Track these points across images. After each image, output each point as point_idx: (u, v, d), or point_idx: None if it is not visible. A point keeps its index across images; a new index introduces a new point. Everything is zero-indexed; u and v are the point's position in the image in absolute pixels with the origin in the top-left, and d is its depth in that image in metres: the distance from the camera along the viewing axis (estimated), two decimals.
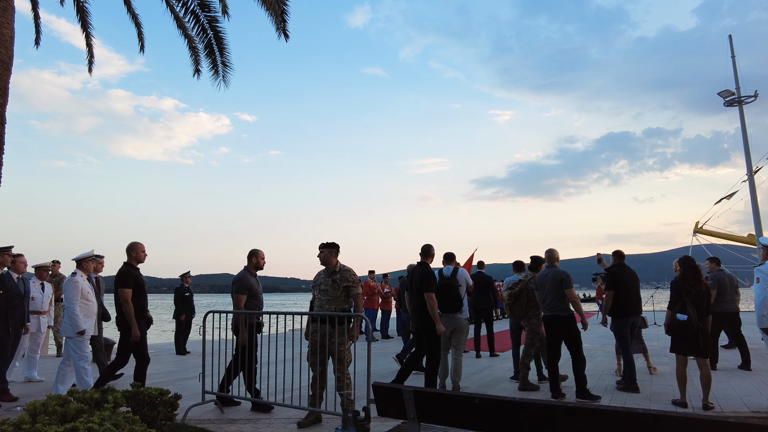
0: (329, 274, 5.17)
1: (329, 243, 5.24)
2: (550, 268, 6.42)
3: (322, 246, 5.22)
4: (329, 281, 5.13)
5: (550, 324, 6.29)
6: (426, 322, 5.93)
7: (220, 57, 7.65)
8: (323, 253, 5.18)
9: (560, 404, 2.48)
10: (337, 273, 5.14)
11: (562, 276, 6.20)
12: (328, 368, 5.04)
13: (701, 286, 5.48)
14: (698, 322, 5.35)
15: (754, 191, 27.43)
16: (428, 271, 6.04)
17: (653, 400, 5.97)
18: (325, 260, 5.18)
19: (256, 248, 6.00)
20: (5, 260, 5.99)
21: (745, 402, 5.79)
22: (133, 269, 5.62)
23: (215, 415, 5.47)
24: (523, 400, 2.56)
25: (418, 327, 6.10)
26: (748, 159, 27.95)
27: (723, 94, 28.39)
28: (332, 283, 5.10)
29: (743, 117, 28.13)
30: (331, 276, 5.14)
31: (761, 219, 27.67)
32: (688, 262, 5.64)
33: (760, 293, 5.54)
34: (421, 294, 5.94)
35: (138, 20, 8.68)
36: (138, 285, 5.55)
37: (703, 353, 5.43)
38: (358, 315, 4.87)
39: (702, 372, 5.47)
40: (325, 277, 5.19)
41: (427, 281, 5.92)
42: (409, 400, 2.86)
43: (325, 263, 5.21)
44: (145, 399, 3.97)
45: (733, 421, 2.15)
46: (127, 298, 5.42)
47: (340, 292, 5.08)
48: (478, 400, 2.70)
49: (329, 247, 5.20)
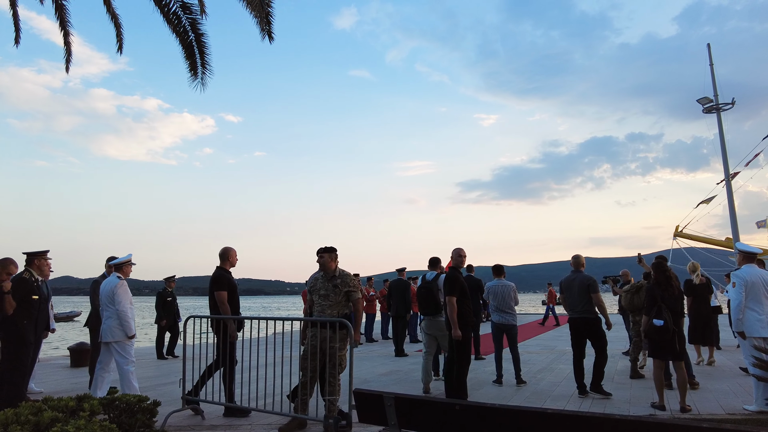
0: (329, 279, 5.13)
1: (329, 247, 5.20)
2: (576, 272, 6.76)
3: (322, 250, 5.17)
4: (329, 286, 5.09)
5: (578, 325, 6.65)
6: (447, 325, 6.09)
7: (200, 59, 7.56)
8: (324, 258, 5.14)
9: (539, 410, 2.50)
10: (338, 278, 5.11)
11: (589, 281, 6.55)
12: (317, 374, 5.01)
13: (673, 290, 5.60)
14: (673, 326, 5.45)
15: (731, 196, 28.04)
16: (455, 275, 6.14)
17: (633, 404, 6.05)
18: (326, 265, 5.14)
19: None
20: (42, 264, 5.88)
21: (721, 404, 5.90)
22: (227, 273, 5.93)
23: (195, 421, 5.39)
24: (504, 407, 2.58)
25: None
26: (726, 164, 28.56)
27: (702, 101, 28.98)
28: (333, 288, 5.07)
29: (721, 123, 28.75)
30: (332, 281, 5.11)
31: (738, 223, 28.28)
32: (659, 267, 5.75)
33: (735, 297, 5.65)
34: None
35: (118, 20, 8.51)
36: (232, 287, 5.87)
37: (680, 357, 5.54)
38: (339, 320, 4.82)
39: (678, 375, 5.57)
40: (324, 282, 5.14)
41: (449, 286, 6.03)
42: (389, 407, 2.86)
43: (324, 268, 5.16)
44: (122, 406, 3.90)
45: (707, 426, 2.19)
46: (223, 300, 5.72)
47: (341, 297, 5.07)
48: (459, 407, 2.71)
49: (329, 252, 5.17)
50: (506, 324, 7.45)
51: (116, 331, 5.85)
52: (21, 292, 5.53)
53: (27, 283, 5.62)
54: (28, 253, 5.86)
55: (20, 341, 5.51)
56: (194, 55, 7.99)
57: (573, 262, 6.92)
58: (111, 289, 5.98)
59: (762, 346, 5.36)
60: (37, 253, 5.87)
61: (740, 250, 5.96)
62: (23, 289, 5.57)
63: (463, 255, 6.42)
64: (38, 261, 5.83)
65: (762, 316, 5.54)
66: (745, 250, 5.90)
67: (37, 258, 5.84)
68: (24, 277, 5.64)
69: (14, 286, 5.54)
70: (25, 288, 5.59)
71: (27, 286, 5.61)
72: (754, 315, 5.57)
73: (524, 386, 7.16)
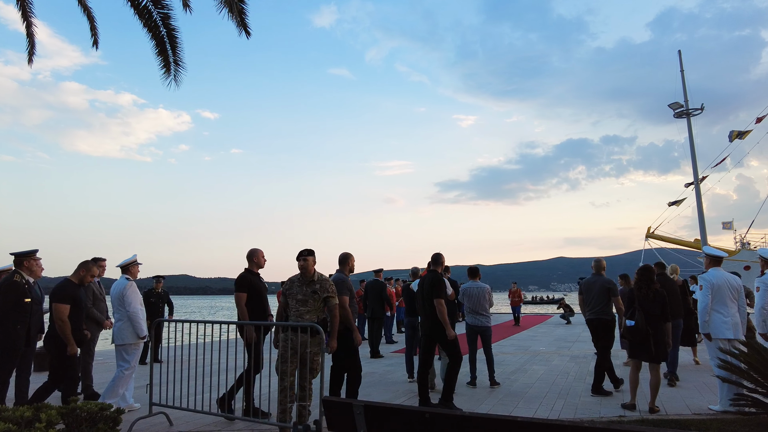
0: (307, 284, 4.98)
1: (310, 250, 5.06)
2: (597, 276, 7.01)
3: (305, 253, 5.02)
4: (308, 291, 4.95)
5: (594, 325, 6.81)
6: (438, 328, 6.01)
7: (173, 55, 7.37)
8: (307, 261, 4.99)
9: (509, 418, 2.48)
10: (317, 283, 4.98)
11: (610, 285, 6.79)
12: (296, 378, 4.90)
13: (650, 292, 5.66)
14: (648, 328, 5.53)
15: (700, 199, 28.90)
16: (439, 278, 6.12)
17: (603, 405, 6.13)
18: (306, 268, 4.99)
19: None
20: (32, 265, 5.61)
21: (687, 404, 6.03)
22: (251, 275, 5.70)
23: (163, 428, 5.25)
24: (473, 415, 2.55)
25: (430, 334, 6.14)
26: (695, 168, 29.42)
27: (672, 106, 29.78)
28: (312, 294, 4.93)
29: (690, 128, 29.58)
30: (310, 286, 4.97)
31: (706, 224, 29.14)
32: (642, 269, 5.85)
33: (702, 300, 5.78)
34: (429, 301, 6.03)
35: (91, 14, 8.24)
36: (255, 289, 5.63)
37: (655, 359, 5.60)
38: (312, 324, 4.74)
39: (651, 376, 5.65)
40: (301, 286, 4.99)
41: (437, 288, 6.00)
42: (359, 415, 2.80)
43: (305, 271, 5.00)
44: (82, 415, 3.74)
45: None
46: (239, 301, 5.51)
47: (319, 303, 4.95)
48: (428, 414, 2.67)
49: (311, 255, 5.04)
50: (480, 326, 7.49)
51: (126, 334, 5.80)
52: (13, 296, 5.29)
53: (18, 286, 5.35)
54: (17, 254, 5.58)
55: (10, 347, 5.25)
56: (166, 51, 7.79)
57: (594, 265, 7.22)
58: (120, 291, 5.88)
59: (727, 347, 5.49)
60: (26, 254, 5.60)
61: (707, 253, 6.10)
62: (15, 292, 5.31)
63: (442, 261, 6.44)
64: (28, 262, 5.56)
65: (727, 318, 5.68)
66: (711, 254, 6.04)
67: (26, 259, 5.57)
68: (15, 280, 5.37)
69: (5, 290, 5.31)
70: (17, 291, 5.33)
71: (19, 289, 5.35)
72: (719, 317, 5.70)
73: (498, 388, 7.20)
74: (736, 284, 5.81)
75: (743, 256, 26.36)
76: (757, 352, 4.90)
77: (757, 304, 5.93)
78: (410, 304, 7.98)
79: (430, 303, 6.02)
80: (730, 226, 30.11)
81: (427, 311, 6.08)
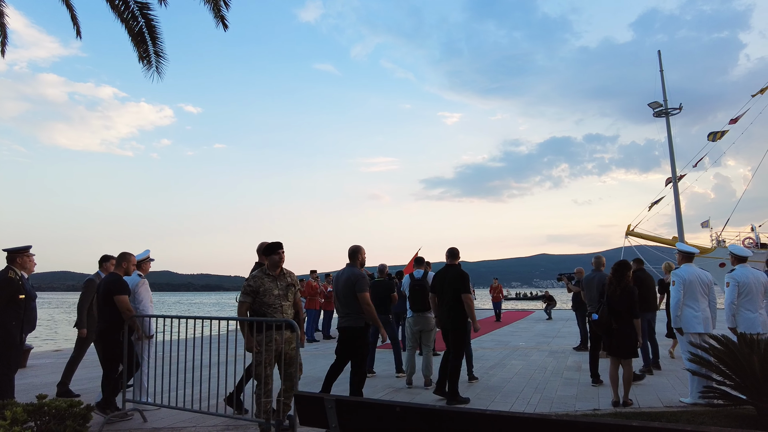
0: (278, 277, 4.81)
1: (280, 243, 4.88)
2: (596, 272, 7.41)
3: (280, 246, 4.84)
4: (282, 284, 4.81)
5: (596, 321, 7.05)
6: (460, 320, 6.14)
7: (153, 46, 7.24)
8: (283, 254, 4.84)
9: (479, 412, 2.50)
10: (287, 276, 4.87)
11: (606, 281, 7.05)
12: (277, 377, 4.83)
13: (618, 289, 5.75)
14: (611, 323, 5.66)
15: (678, 197, 29.45)
16: (464, 273, 6.25)
17: (579, 399, 6.22)
18: (281, 262, 4.84)
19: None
20: (26, 261, 5.54)
21: (659, 397, 6.15)
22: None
23: (136, 425, 5.18)
24: (444, 408, 2.56)
25: (448, 326, 6.20)
26: (673, 167, 29.96)
27: (652, 106, 30.28)
28: (287, 287, 4.83)
29: (669, 127, 30.12)
30: (283, 279, 4.84)
31: (684, 222, 29.73)
32: (618, 264, 5.96)
33: (674, 295, 5.89)
34: (456, 294, 6.11)
35: (70, 2, 8.05)
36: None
37: (621, 354, 5.70)
38: (287, 320, 4.70)
39: (624, 371, 5.74)
40: (275, 281, 4.80)
41: (464, 282, 6.14)
42: (330, 409, 2.79)
43: (278, 266, 4.83)
44: (51, 412, 3.67)
45: (636, 425, 2.24)
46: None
47: (291, 296, 4.86)
48: (400, 408, 2.67)
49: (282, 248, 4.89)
50: None
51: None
52: (7, 292, 5.23)
53: (13, 282, 5.31)
54: (9, 250, 5.52)
55: (9, 343, 5.20)
56: (145, 43, 7.65)
57: (594, 262, 7.53)
58: (132, 287, 5.81)
59: (697, 341, 5.62)
60: (20, 250, 5.54)
61: (680, 250, 6.22)
62: (9, 288, 5.26)
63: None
64: (21, 258, 5.50)
65: (698, 313, 5.81)
66: (684, 250, 6.16)
67: (20, 255, 5.51)
68: (9, 276, 5.32)
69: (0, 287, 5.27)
70: (12, 287, 5.27)
71: (13, 285, 5.30)
72: (690, 312, 5.82)
73: (476, 382, 7.26)
74: (706, 280, 5.94)
75: (718, 253, 26.94)
76: (726, 346, 5.02)
77: (726, 299, 6.07)
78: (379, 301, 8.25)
79: (453, 296, 6.11)
80: (707, 224, 30.77)
81: (451, 304, 6.15)
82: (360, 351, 5.42)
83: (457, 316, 6.15)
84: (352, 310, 5.43)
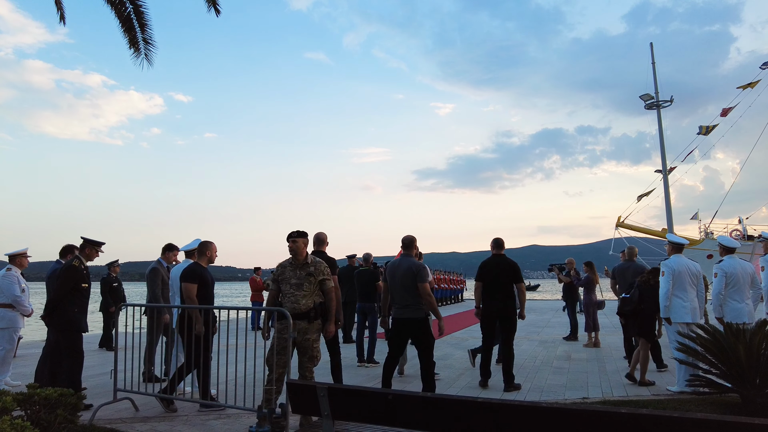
0: (300, 267, 4.76)
1: (302, 231, 4.82)
2: (630, 261, 7.93)
3: (296, 235, 4.76)
4: (302, 275, 4.72)
5: None
6: (512, 309, 6.35)
7: (141, 33, 7.13)
8: (297, 243, 4.74)
9: (470, 399, 2.53)
10: (311, 265, 4.77)
11: (644, 269, 7.29)
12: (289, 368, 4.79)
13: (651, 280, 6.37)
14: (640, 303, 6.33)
15: (668, 189, 29.72)
16: (514, 263, 6.46)
17: (569, 388, 6.30)
18: (298, 251, 4.75)
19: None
20: (92, 254, 5.70)
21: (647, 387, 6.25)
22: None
23: (128, 414, 5.17)
24: (435, 396, 2.58)
25: (502, 314, 6.34)
26: (664, 159, 30.19)
27: (644, 98, 30.43)
28: (307, 277, 4.71)
29: (660, 119, 30.31)
30: (304, 269, 4.75)
31: (673, 214, 30.03)
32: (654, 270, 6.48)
33: (664, 285, 5.96)
34: (509, 284, 6.33)
35: None
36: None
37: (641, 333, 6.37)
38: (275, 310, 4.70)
39: (641, 352, 6.32)
40: (295, 270, 4.76)
41: (518, 273, 6.39)
42: (322, 397, 2.81)
43: (296, 254, 4.76)
44: (41, 401, 3.66)
45: (625, 411, 2.28)
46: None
47: (315, 287, 4.74)
48: (391, 396, 2.69)
49: (302, 236, 4.79)
50: None
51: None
52: (72, 280, 5.40)
53: (78, 271, 5.47)
54: (85, 239, 5.69)
55: (76, 329, 5.39)
56: (134, 29, 7.53)
57: (628, 252, 8.10)
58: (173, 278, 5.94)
59: (686, 331, 5.70)
60: (93, 243, 5.69)
61: (669, 240, 6.29)
62: (74, 277, 5.42)
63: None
64: (89, 250, 5.66)
65: (686, 303, 5.89)
66: (673, 241, 6.23)
67: (89, 247, 5.66)
68: (74, 265, 5.48)
69: (65, 274, 5.44)
70: (77, 276, 5.44)
71: (78, 273, 5.46)
72: (679, 302, 5.90)
73: (468, 371, 7.32)
74: (695, 270, 6.02)
75: (706, 245, 27.27)
76: (712, 335, 5.10)
77: (714, 290, 6.16)
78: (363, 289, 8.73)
79: (508, 285, 6.31)
80: (696, 216, 31.10)
81: (506, 293, 6.31)
82: (426, 342, 5.36)
83: (511, 306, 6.33)
84: (412, 301, 5.33)
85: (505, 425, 2.38)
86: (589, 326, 9.83)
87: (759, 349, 4.74)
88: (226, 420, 4.97)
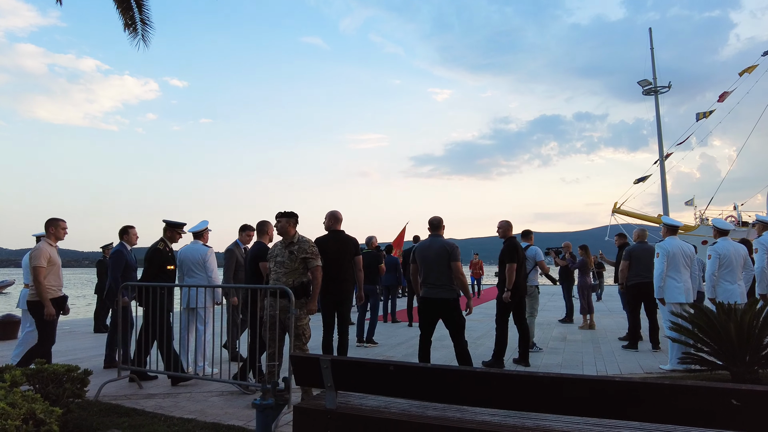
0: (286, 245, 4.91)
1: (287, 212, 4.96)
2: (642, 243, 7.82)
3: (279, 215, 4.92)
4: (286, 252, 4.86)
5: (646, 290, 7.04)
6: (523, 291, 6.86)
7: (139, 13, 7.09)
8: (281, 223, 4.89)
9: (469, 370, 2.62)
10: (295, 244, 4.88)
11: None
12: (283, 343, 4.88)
13: None
14: None
15: (664, 175, 29.83)
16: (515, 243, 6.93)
17: (564, 367, 6.43)
18: (283, 230, 4.89)
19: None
20: (175, 236, 5.92)
21: (641, 364, 6.40)
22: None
23: (132, 391, 5.27)
24: (435, 367, 2.67)
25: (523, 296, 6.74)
26: (660, 145, 30.24)
27: (642, 84, 30.36)
28: (289, 255, 4.84)
29: (658, 105, 30.29)
30: (288, 247, 4.88)
31: (669, 201, 30.19)
32: None
33: (658, 267, 6.08)
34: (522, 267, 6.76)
35: None
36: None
37: None
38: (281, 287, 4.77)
39: None
40: (282, 249, 4.92)
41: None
42: (326, 369, 2.89)
43: (282, 233, 4.92)
44: (50, 376, 3.74)
45: (619, 380, 2.37)
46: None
47: (297, 264, 4.84)
48: (393, 367, 2.78)
49: (287, 216, 4.93)
50: None
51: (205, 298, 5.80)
52: (156, 263, 5.58)
53: (162, 254, 5.65)
54: (167, 222, 5.85)
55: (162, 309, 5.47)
56: (131, 9, 7.48)
57: (639, 234, 8.05)
58: (202, 256, 5.97)
59: (678, 311, 5.82)
60: (175, 225, 5.88)
61: (664, 223, 6.39)
62: (159, 259, 5.61)
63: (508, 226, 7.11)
64: (170, 232, 5.86)
65: (680, 284, 6.00)
66: (668, 224, 6.33)
67: (170, 229, 5.86)
68: (158, 248, 5.67)
69: (150, 257, 5.60)
70: (161, 258, 5.63)
71: (162, 256, 5.65)
72: (673, 283, 6.02)
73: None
74: (689, 252, 6.13)
75: (701, 231, 27.48)
76: (705, 314, 5.21)
77: (707, 271, 6.28)
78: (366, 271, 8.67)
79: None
80: (692, 202, 31.29)
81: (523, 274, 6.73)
82: (457, 321, 5.36)
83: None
84: (444, 281, 5.32)
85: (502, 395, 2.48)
86: (584, 308, 9.98)
87: (749, 327, 4.86)
88: (229, 396, 5.08)
